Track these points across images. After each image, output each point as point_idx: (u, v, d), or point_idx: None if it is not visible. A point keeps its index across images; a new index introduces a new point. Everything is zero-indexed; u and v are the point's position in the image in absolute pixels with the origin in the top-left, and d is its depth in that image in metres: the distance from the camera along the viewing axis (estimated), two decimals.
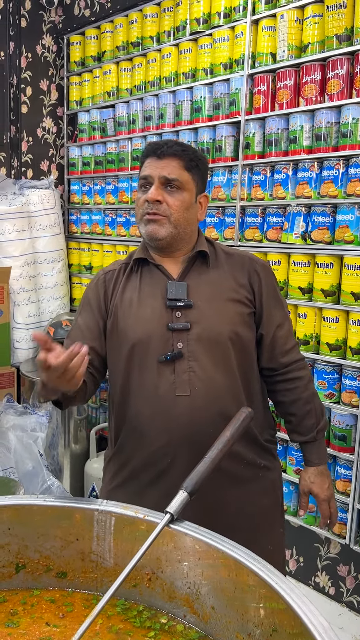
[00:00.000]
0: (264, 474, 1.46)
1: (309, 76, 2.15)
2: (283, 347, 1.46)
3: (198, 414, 1.35)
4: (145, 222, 1.37)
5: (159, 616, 1.01)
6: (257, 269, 1.44)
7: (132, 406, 1.41)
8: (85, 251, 3.38)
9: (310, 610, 0.77)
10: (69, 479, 3.02)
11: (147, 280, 1.43)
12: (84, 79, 3.31)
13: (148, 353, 1.37)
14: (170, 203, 1.35)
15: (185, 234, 1.39)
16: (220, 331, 1.37)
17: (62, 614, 1.02)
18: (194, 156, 1.39)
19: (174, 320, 1.37)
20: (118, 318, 1.42)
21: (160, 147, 1.37)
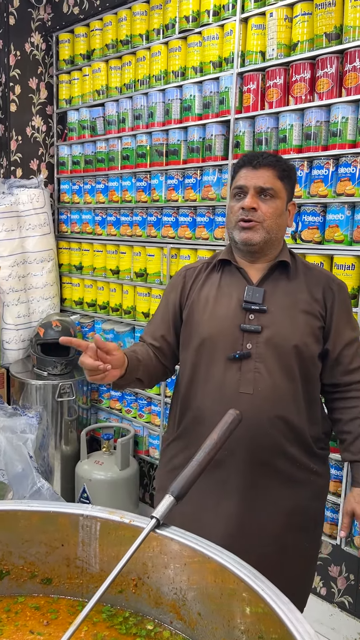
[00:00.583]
0: (315, 479, 1.51)
1: (299, 75, 2.14)
2: (348, 365, 1.50)
3: (258, 413, 1.41)
4: (240, 229, 1.46)
5: (145, 622, 1.00)
6: (333, 287, 1.50)
7: (197, 397, 1.49)
8: (76, 251, 3.36)
9: (296, 618, 0.76)
10: (60, 480, 3.00)
11: (227, 280, 1.52)
12: (73, 77, 3.28)
13: (217, 349, 1.45)
14: (264, 210, 1.43)
15: (276, 240, 1.48)
16: (289, 339, 1.43)
17: (46, 622, 1.00)
18: (286, 166, 1.48)
19: (247, 322, 1.44)
20: (193, 312, 1.51)
21: (256, 158, 1.46)
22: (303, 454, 1.47)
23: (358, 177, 2.00)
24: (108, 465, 2.82)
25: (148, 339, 1.59)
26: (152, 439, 2.94)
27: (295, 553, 1.51)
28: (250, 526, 1.46)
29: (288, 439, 1.45)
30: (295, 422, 1.45)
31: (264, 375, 1.43)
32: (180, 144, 2.64)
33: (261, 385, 1.42)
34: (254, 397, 1.42)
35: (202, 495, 1.47)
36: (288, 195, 1.49)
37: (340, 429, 1.53)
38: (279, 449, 1.44)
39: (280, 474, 1.46)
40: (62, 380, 2.96)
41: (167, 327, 1.57)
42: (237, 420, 1.14)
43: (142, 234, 2.88)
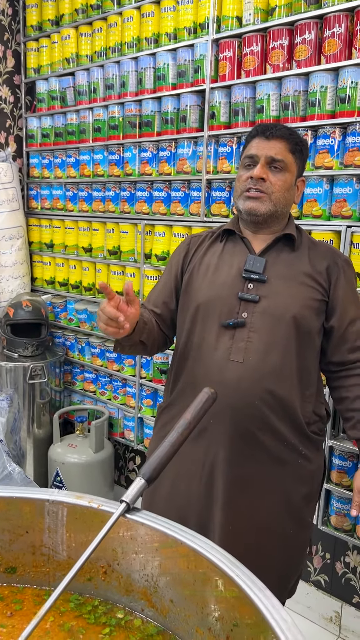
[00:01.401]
0: (303, 463, 1.47)
1: (276, 41, 2.06)
2: (354, 343, 1.47)
3: (247, 383, 1.39)
4: (245, 198, 1.43)
5: (115, 611, 0.95)
6: (338, 262, 1.47)
7: (190, 363, 1.48)
8: (46, 228, 3.24)
9: (272, 605, 0.72)
10: (33, 464, 2.94)
11: (230, 249, 1.50)
12: (41, 44, 3.13)
13: (212, 315, 1.44)
14: (273, 182, 1.41)
15: (282, 214, 1.45)
16: (287, 310, 1.40)
17: (10, 613, 0.95)
18: (299, 140, 1.46)
19: (246, 290, 1.43)
20: (193, 278, 1.51)
21: (270, 128, 1.43)
22: (292, 433, 1.44)
23: (337, 149, 1.95)
24: (82, 448, 2.76)
25: (149, 305, 1.57)
26: (127, 420, 2.89)
27: (278, 536, 1.48)
28: (237, 501, 1.44)
29: (276, 413, 1.41)
30: (284, 396, 1.41)
31: (256, 346, 1.40)
32: (154, 115, 2.54)
33: (252, 355, 1.40)
34: (244, 366, 1.40)
35: (186, 465, 1.45)
36: (298, 170, 1.47)
37: (346, 407, 1.50)
38: (265, 422, 1.41)
39: (265, 449, 1.42)
40: (33, 362, 2.88)
41: (168, 293, 1.56)
42: (211, 399, 1.10)
43: (115, 209, 2.79)
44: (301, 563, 1.59)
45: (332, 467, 2.07)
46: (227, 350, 1.41)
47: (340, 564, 2.22)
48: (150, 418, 2.73)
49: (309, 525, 1.56)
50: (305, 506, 1.51)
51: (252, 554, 1.15)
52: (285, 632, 0.67)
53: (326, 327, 1.47)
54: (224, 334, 1.43)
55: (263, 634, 0.71)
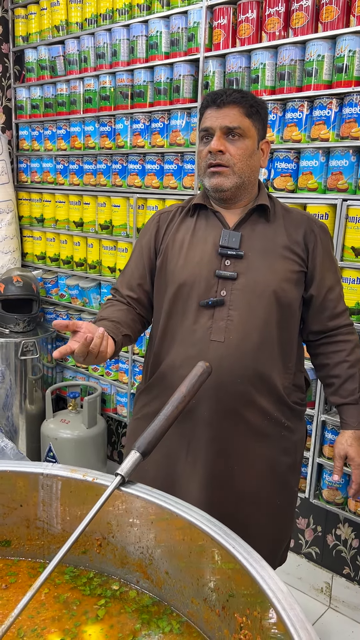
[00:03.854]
0: (287, 435, 1.47)
1: (272, 8, 2.00)
2: (333, 310, 1.45)
3: (228, 362, 1.37)
4: (210, 175, 1.37)
5: (110, 582, 0.96)
6: (314, 229, 1.43)
7: (169, 345, 1.45)
8: (37, 202, 3.18)
9: (268, 575, 0.72)
10: (25, 440, 2.94)
11: (202, 224, 1.44)
12: (30, 11, 3.03)
13: (191, 296, 1.40)
14: (233, 152, 1.35)
15: (249, 182, 1.40)
16: (266, 285, 1.37)
17: (5, 585, 0.95)
18: (254, 102, 1.38)
19: (223, 267, 1.38)
20: (167, 258, 1.45)
21: (220, 96, 1.36)
22: (274, 407, 1.43)
23: (333, 121, 1.91)
24: (75, 424, 2.76)
25: (124, 290, 1.50)
26: (120, 396, 2.89)
27: (267, 507, 1.49)
28: (222, 477, 1.44)
29: (259, 389, 1.40)
30: (267, 372, 1.40)
31: (237, 324, 1.37)
32: (146, 85, 2.47)
33: (233, 334, 1.37)
34: (225, 345, 1.37)
35: (172, 445, 1.44)
36: (259, 133, 1.40)
37: (327, 374, 1.50)
38: (249, 399, 1.40)
39: (250, 425, 1.42)
40: (25, 337, 2.85)
41: (142, 274, 1.50)
42: (206, 373, 1.09)
43: (107, 183, 2.73)
44: (290, 530, 1.61)
45: (325, 442, 2.08)
46: (208, 330, 1.38)
47: (331, 537, 2.25)
48: None
49: (295, 494, 1.57)
50: (290, 476, 1.51)
51: (241, 525, 1.15)
52: (281, 601, 0.67)
53: (305, 296, 1.44)
54: (203, 313, 1.39)
55: (259, 603, 0.71)
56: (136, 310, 1.48)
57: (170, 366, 1.45)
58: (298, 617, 0.65)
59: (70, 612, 0.88)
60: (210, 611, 0.82)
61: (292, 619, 0.65)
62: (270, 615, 0.68)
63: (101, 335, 1.20)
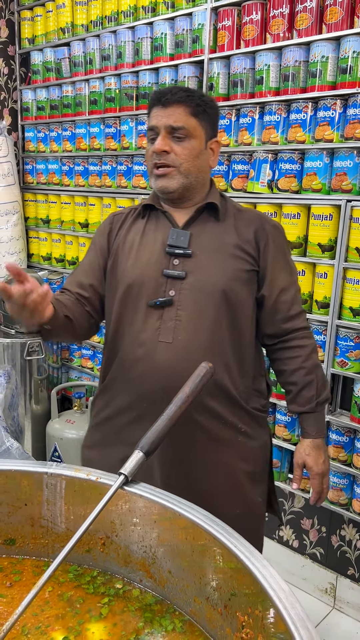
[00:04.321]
0: (244, 440, 1.43)
1: (277, 10, 2.00)
2: (287, 312, 1.42)
3: (177, 363, 1.33)
4: (156, 177, 1.35)
5: (114, 581, 0.96)
6: (267, 228, 1.40)
7: (120, 347, 1.42)
8: (42, 203, 3.20)
9: (270, 574, 0.72)
10: (31, 440, 2.95)
11: (152, 225, 1.42)
12: (36, 13, 3.05)
13: (140, 296, 1.37)
14: (179, 152, 1.32)
15: (197, 183, 1.37)
16: (215, 284, 1.34)
17: (9, 583, 0.96)
18: (201, 101, 1.34)
19: (171, 267, 1.36)
20: (117, 259, 1.42)
21: (165, 94, 1.33)
22: (228, 410, 1.38)
23: (337, 122, 1.91)
24: (80, 424, 2.77)
25: (73, 288, 1.44)
26: None
27: (224, 516, 1.42)
28: (179, 483, 1.37)
29: (209, 392, 1.35)
30: (217, 375, 1.34)
31: (185, 324, 1.34)
32: (151, 86, 2.48)
33: (181, 335, 1.34)
34: (174, 346, 1.34)
35: (123, 451, 1.33)
36: (207, 133, 1.36)
37: (284, 381, 1.46)
38: (199, 401, 1.34)
39: (202, 428, 1.37)
40: (30, 338, 2.87)
41: (95, 275, 1.45)
42: (209, 374, 1.09)
43: (112, 184, 2.75)
44: (254, 540, 1.53)
45: (329, 442, 2.08)
46: (156, 331, 1.35)
47: (336, 537, 2.25)
48: None
49: (259, 506, 1.50)
50: (249, 485, 1.45)
51: None
52: (282, 600, 0.67)
53: (257, 297, 1.40)
54: (152, 314, 1.36)
55: (261, 602, 0.71)
56: (85, 307, 1.43)
57: (120, 368, 1.41)
58: (299, 615, 0.65)
59: (74, 610, 0.89)
60: (213, 610, 0.83)
61: (293, 617, 0.65)
62: (271, 614, 0.69)
63: (43, 294, 1.14)
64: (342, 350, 1.98)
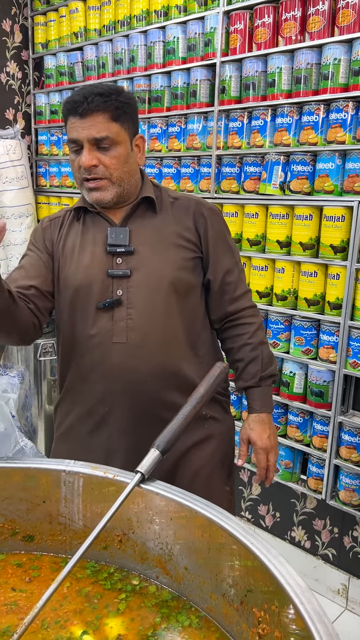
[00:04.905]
0: (210, 425, 1.44)
1: (289, 13, 2.02)
2: (232, 293, 1.43)
3: (134, 362, 1.33)
4: (87, 190, 1.32)
5: (130, 578, 0.98)
6: (204, 212, 1.40)
7: (74, 354, 1.39)
8: (55, 205, 3.23)
9: (287, 570, 0.74)
10: (44, 440, 2.98)
11: (90, 226, 1.39)
12: (49, 18, 3.08)
13: (88, 300, 1.35)
14: (108, 163, 1.29)
15: (131, 186, 1.35)
16: (162, 277, 1.34)
17: (28, 579, 0.98)
18: (119, 103, 1.27)
19: (114, 266, 1.34)
20: (60, 266, 1.38)
21: (81, 103, 1.25)
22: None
23: (350, 124, 1.92)
24: None
25: (13, 285, 1.32)
26: None
27: None
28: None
29: (171, 386, 1.35)
30: (176, 366, 1.36)
31: (137, 322, 1.33)
32: (163, 90, 2.50)
33: (134, 333, 1.33)
34: (129, 346, 1.33)
35: (91, 456, 1.31)
36: (130, 132, 1.32)
37: (232, 358, 1.47)
38: (162, 398, 1.35)
39: (161, 422, 1.32)
40: (43, 339, 2.89)
41: (37, 275, 1.36)
42: (224, 373, 1.11)
43: None
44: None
45: (342, 443, 2.08)
46: (109, 333, 1.33)
47: (348, 538, 2.25)
48: None
49: (225, 492, 1.49)
50: (217, 473, 1.45)
51: None
52: (299, 595, 0.69)
53: (204, 282, 1.41)
54: (103, 316, 1.34)
55: (278, 598, 0.72)
56: (28, 305, 1.31)
57: (76, 375, 1.40)
58: (316, 611, 0.67)
59: (91, 605, 0.91)
60: (229, 606, 0.84)
61: (310, 612, 0.67)
62: (288, 610, 0.70)
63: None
64: (354, 352, 1.99)
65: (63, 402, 1.47)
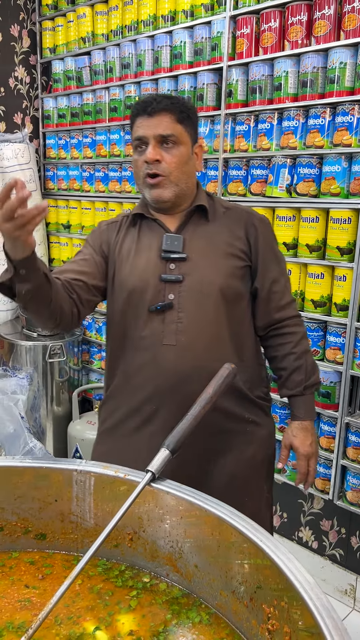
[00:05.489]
0: (252, 429, 1.48)
1: (295, 17, 2.03)
2: (278, 302, 1.47)
3: (182, 365, 1.38)
4: (149, 187, 1.38)
5: (141, 575, 1.00)
6: (255, 223, 1.45)
7: (124, 354, 1.45)
8: (63, 209, 3.26)
9: (295, 567, 0.75)
10: (52, 441, 3.00)
11: (146, 232, 1.46)
12: (57, 24, 3.12)
13: (141, 303, 1.41)
14: (169, 161, 1.35)
15: (188, 189, 1.41)
16: (212, 284, 1.39)
17: (41, 576, 1.00)
18: (184, 107, 1.38)
19: (167, 271, 1.40)
20: (116, 268, 1.45)
21: (150, 104, 1.35)
22: (235, 404, 1.44)
23: (356, 127, 1.93)
24: None
25: (62, 276, 1.38)
26: None
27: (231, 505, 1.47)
28: (196, 483, 1.39)
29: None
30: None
31: (187, 325, 1.39)
32: (170, 93, 2.52)
33: (184, 336, 1.39)
34: (178, 348, 1.39)
35: (135, 453, 1.37)
36: (192, 138, 1.40)
37: (275, 366, 1.51)
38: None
39: (210, 425, 1.37)
40: (52, 341, 2.92)
41: (88, 271, 1.43)
42: (232, 374, 1.12)
43: (132, 190, 2.79)
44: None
45: (349, 444, 2.09)
46: (160, 335, 1.39)
47: (356, 539, 2.26)
48: None
49: (264, 492, 1.54)
50: (257, 474, 1.50)
51: None
52: (308, 591, 0.70)
53: (251, 290, 1.46)
54: (154, 319, 1.40)
55: (287, 594, 0.74)
56: (71, 295, 1.37)
57: (126, 375, 1.45)
58: (325, 606, 0.68)
59: (103, 602, 0.92)
60: (239, 603, 0.85)
61: (319, 608, 0.68)
62: (297, 605, 0.71)
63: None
64: None
65: (109, 400, 1.52)
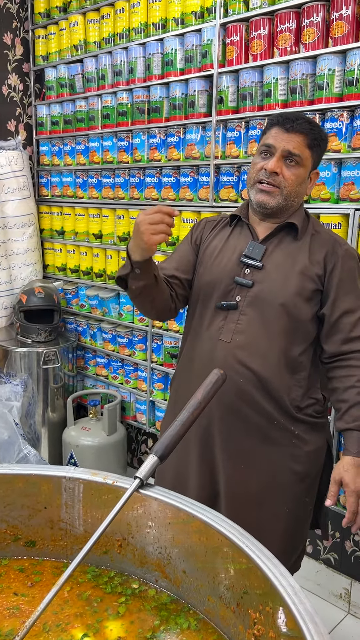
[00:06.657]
0: (297, 443, 1.50)
1: (284, 25, 2.05)
2: (348, 334, 1.46)
3: (232, 362, 1.46)
4: (257, 190, 1.46)
5: (130, 582, 1.00)
6: (338, 251, 1.48)
7: (190, 341, 1.59)
8: (57, 215, 3.27)
9: (280, 572, 0.76)
10: (47, 447, 3.00)
11: (236, 234, 1.56)
12: (49, 32, 3.14)
13: (211, 297, 1.52)
14: (287, 176, 1.43)
15: (292, 207, 1.49)
16: (277, 296, 1.45)
17: (31, 583, 1.00)
18: (318, 135, 1.46)
19: (242, 275, 1.49)
20: (201, 262, 1.58)
21: (291, 121, 1.43)
22: (279, 413, 1.47)
23: (345, 132, 1.95)
24: (95, 431, 2.82)
25: (162, 272, 1.56)
26: (139, 404, 2.94)
27: (273, 512, 1.52)
28: (233, 471, 1.50)
29: (260, 392, 1.46)
30: (268, 378, 1.45)
31: (244, 327, 1.47)
32: (162, 100, 2.54)
33: (239, 336, 1.47)
34: (230, 345, 1.47)
35: (187, 444, 1.50)
36: (314, 164, 1.49)
37: (336, 398, 1.49)
38: (250, 399, 1.46)
39: (254, 425, 1.48)
40: (46, 347, 2.92)
41: (182, 268, 1.58)
42: (221, 380, 1.13)
43: (125, 196, 2.81)
44: (300, 540, 1.60)
45: (341, 448, 2.09)
46: (219, 330, 1.49)
47: (350, 543, 2.26)
48: (161, 401, 2.77)
49: (305, 504, 1.55)
50: (297, 485, 1.52)
51: (251, 527, 1.17)
52: (292, 596, 0.71)
53: (319, 315, 1.48)
54: (219, 314, 1.50)
55: (271, 599, 0.74)
56: (170, 291, 1.53)
57: (188, 360, 1.58)
58: (307, 610, 0.69)
59: (92, 609, 0.93)
60: (226, 608, 0.86)
61: (302, 612, 0.68)
62: (281, 610, 0.72)
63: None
64: None
65: (174, 381, 1.68)
